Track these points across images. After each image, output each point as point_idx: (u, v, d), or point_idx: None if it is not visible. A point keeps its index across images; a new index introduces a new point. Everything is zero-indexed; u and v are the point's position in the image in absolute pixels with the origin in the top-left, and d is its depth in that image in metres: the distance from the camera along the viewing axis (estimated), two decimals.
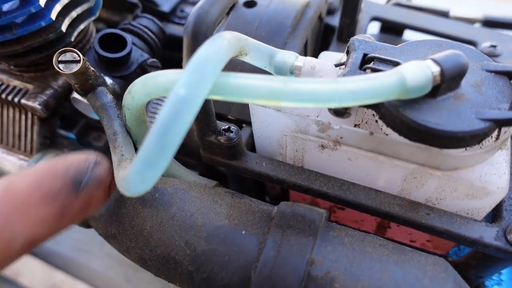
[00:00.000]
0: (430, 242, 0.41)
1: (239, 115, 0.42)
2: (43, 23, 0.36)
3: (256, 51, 0.34)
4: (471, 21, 0.52)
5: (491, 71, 0.30)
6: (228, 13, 0.46)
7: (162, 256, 0.34)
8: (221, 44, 0.27)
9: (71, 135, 0.49)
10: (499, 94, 0.29)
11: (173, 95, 0.24)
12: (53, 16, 0.36)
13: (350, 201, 0.34)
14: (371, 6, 0.52)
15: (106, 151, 0.50)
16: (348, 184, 0.35)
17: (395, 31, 0.57)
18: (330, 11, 0.51)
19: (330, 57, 0.40)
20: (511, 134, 0.31)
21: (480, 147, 0.29)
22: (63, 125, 0.48)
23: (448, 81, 0.28)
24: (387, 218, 0.34)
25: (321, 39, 0.52)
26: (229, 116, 0.43)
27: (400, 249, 0.31)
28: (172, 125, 0.24)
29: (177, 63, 0.56)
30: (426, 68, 0.27)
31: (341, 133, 0.32)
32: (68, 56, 0.33)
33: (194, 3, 0.55)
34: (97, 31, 0.49)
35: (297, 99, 0.26)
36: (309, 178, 0.36)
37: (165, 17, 0.53)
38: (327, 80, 0.27)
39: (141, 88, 0.32)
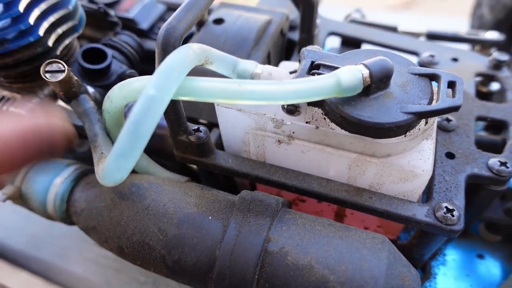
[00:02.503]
0: (380, 228, 0.46)
1: (209, 118, 0.47)
2: (31, 39, 0.40)
3: (220, 60, 0.39)
4: (416, 34, 0.59)
5: (415, 74, 0.36)
6: (199, 29, 0.52)
7: (137, 242, 0.38)
8: (186, 53, 0.32)
9: None
10: (421, 92, 0.35)
11: (143, 95, 0.29)
12: (41, 32, 0.40)
13: (305, 189, 0.39)
14: (328, 23, 0.59)
15: (89, 156, 0.54)
16: (303, 175, 0.40)
17: (353, 45, 0.63)
18: (292, 28, 0.57)
19: (288, 66, 0.46)
20: (434, 125, 0.37)
21: (406, 136, 0.35)
22: None
23: (377, 81, 0.33)
24: (337, 203, 0.39)
25: (285, 52, 0.58)
26: (200, 120, 0.48)
27: (345, 227, 0.36)
28: (142, 120, 0.29)
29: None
30: (358, 71, 0.33)
31: (292, 128, 0.37)
32: (54, 67, 0.38)
33: None
34: (81, 47, 0.53)
35: (250, 97, 0.32)
36: (269, 171, 0.41)
37: (144, 34, 0.58)
38: (275, 81, 0.32)
39: (118, 93, 0.36)
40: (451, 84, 0.34)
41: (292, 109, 0.37)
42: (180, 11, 0.35)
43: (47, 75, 0.38)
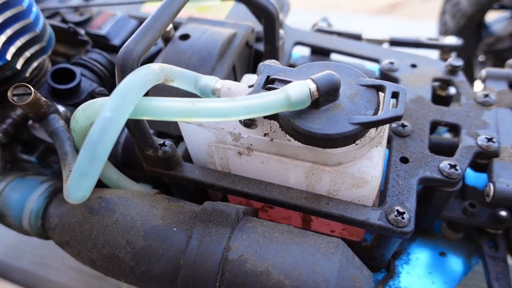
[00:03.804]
0: (345, 231, 0.48)
1: (178, 132, 0.49)
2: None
3: (181, 77, 0.41)
4: (379, 42, 0.61)
5: (364, 85, 0.38)
6: (166, 45, 0.54)
7: (107, 255, 0.40)
8: (144, 73, 0.34)
9: (33, 159, 0.55)
10: (368, 103, 0.37)
11: (99, 117, 0.31)
12: (9, 57, 0.42)
13: (267, 197, 0.41)
14: (294, 32, 0.61)
15: None
16: (265, 183, 0.42)
17: (322, 53, 0.65)
18: (259, 39, 0.59)
19: (250, 78, 0.48)
20: (384, 133, 0.39)
21: (355, 145, 0.37)
22: (24, 150, 0.54)
23: (325, 95, 0.35)
24: (297, 209, 0.41)
25: (253, 63, 0.60)
26: (169, 132, 0.49)
27: (303, 233, 0.38)
28: (99, 141, 0.31)
29: None
30: (305, 86, 0.35)
31: (250, 141, 0.39)
32: (20, 90, 0.40)
33: None
34: (56, 63, 0.55)
35: (204, 115, 0.34)
36: (233, 181, 0.43)
37: (116, 50, 0.60)
38: (227, 99, 0.34)
39: (82, 114, 0.38)
40: (395, 95, 0.36)
41: (248, 123, 0.39)
42: (138, 34, 0.37)
43: (15, 98, 0.39)
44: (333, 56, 0.65)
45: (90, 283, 0.64)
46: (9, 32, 0.42)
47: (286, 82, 0.39)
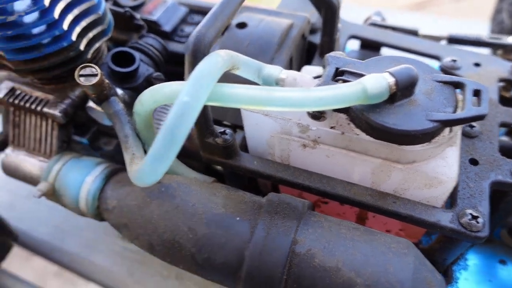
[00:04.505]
0: (403, 231, 0.47)
1: (234, 120, 0.48)
2: (65, 44, 0.42)
3: (246, 66, 0.40)
4: (437, 38, 0.59)
5: (439, 81, 0.37)
6: (222, 33, 0.53)
7: (168, 240, 0.40)
8: (216, 60, 0.34)
9: (84, 140, 0.55)
10: (445, 100, 0.35)
11: (178, 102, 0.31)
12: (74, 37, 0.42)
13: (329, 192, 0.40)
14: (349, 26, 0.59)
15: (115, 154, 0.56)
16: (327, 178, 0.41)
17: (373, 48, 0.64)
18: (313, 31, 0.58)
19: (310, 70, 0.47)
20: (459, 132, 0.38)
21: (432, 143, 0.36)
22: (77, 132, 0.54)
23: (402, 89, 0.34)
24: (360, 206, 0.40)
25: (305, 55, 0.59)
26: (225, 122, 0.49)
27: (369, 231, 0.37)
28: (177, 126, 0.30)
29: (178, 76, 0.62)
30: (383, 79, 0.34)
31: (318, 133, 0.38)
32: (87, 71, 0.39)
33: (192, 23, 0.62)
34: (108, 49, 0.55)
35: (278, 104, 0.33)
36: (294, 173, 0.42)
37: (167, 36, 0.59)
38: (302, 89, 0.33)
39: (149, 97, 0.38)
40: (476, 93, 0.35)
41: (317, 115, 0.38)
42: (209, 19, 0.36)
43: (81, 78, 0.39)
44: (385, 51, 0.63)
45: (132, 268, 0.65)
46: (76, 11, 0.42)
47: (357, 74, 0.37)
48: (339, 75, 0.38)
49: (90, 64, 0.39)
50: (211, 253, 0.38)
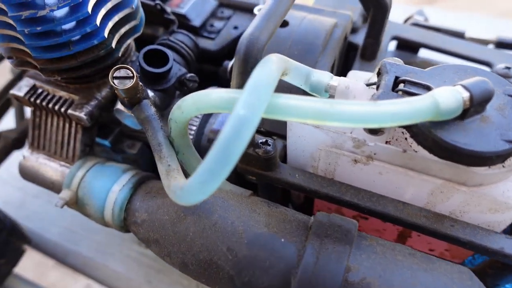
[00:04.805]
0: (448, 252, 0.44)
1: (271, 128, 0.45)
2: (95, 41, 0.38)
3: (296, 71, 0.36)
4: (485, 42, 0.55)
5: None
6: None
7: (204, 261, 0.36)
8: (272, 67, 0.30)
9: (106, 142, 0.52)
10: None
11: (234, 115, 0.27)
12: (106, 33, 0.38)
13: (379, 212, 0.37)
14: (391, 26, 0.55)
15: (139, 158, 0.53)
16: (377, 196, 0.38)
17: (411, 49, 0.60)
18: (353, 30, 0.54)
19: (358, 76, 0.43)
20: None
21: (503, 166, 0.32)
22: (98, 133, 0.51)
23: (476, 105, 0.31)
24: (414, 228, 0.36)
25: (344, 57, 0.55)
26: (262, 129, 0.45)
27: (427, 258, 0.34)
28: (233, 141, 0.27)
29: (205, 75, 0.58)
30: (457, 93, 0.30)
31: (375, 149, 0.35)
32: (122, 73, 0.36)
33: (222, 18, 0.58)
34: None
35: (341, 119, 0.29)
36: (340, 189, 0.39)
37: (195, 31, 0.55)
38: (369, 102, 0.29)
39: (191, 104, 0.34)
40: None
41: (376, 130, 0.34)
42: (262, 19, 0.33)
43: (115, 81, 0.36)
44: (424, 53, 0.59)
45: (150, 276, 0.62)
46: (109, 5, 0.38)
47: (421, 86, 0.34)
48: (398, 85, 0.35)
49: (125, 66, 0.35)
50: (252, 277, 0.35)
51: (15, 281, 0.66)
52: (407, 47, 0.59)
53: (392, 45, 0.62)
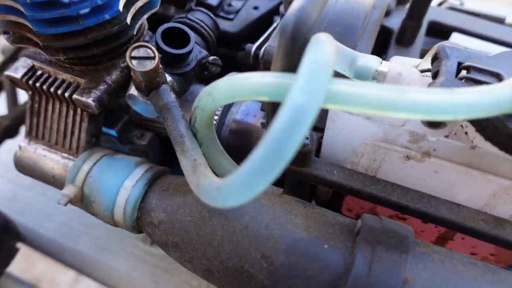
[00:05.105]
0: (493, 256, 0.41)
1: None
2: (107, 16, 0.33)
3: (341, 54, 0.32)
4: None
5: None
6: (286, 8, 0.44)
7: (234, 268, 0.32)
8: (327, 48, 0.25)
9: (112, 132, 0.47)
10: None
11: (289, 103, 0.22)
12: (121, 7, 0.33)
13: (431, 215, 0.33)
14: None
15: (149, 149, 0.48)
16: (428, 196, 0.34)
17: (441, 34, 0.55)
18: (387, 13, 0.49)
19: (401, 62, 0.39)
20: None
21: None
22: (104, 121, 0.46)
23: None
24: (471, 234, 0.33)
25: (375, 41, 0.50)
26: None
27: (489, 267, 0.30)
28: (289, 135, 0.22)
29: (223, 59, 0.53)
30: None
31: (435, 145, 0.30)
32: (141, 52, 0.31)
33: None
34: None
35: (411, 110, 0.25)
36: (385, 189, 0.34)
37: (212, 10, 0.50)
38: (444, 90, 0.25)
39: (226, 90, 0.29)
40: None
41: (436, 123, 0.30)
42: None
43: (134, 62, 0.31)
44: (457, 38, 0.55)
45: (156, 276, 0.57)
46: None
47: (490, 73, 0.30)
48: (462, 72, 0.30)
49: (145, 44, 0.30)
50: (291, 287, 0.30)
51: (3, 278, 0.61)
52: (439, 33, 0.55)
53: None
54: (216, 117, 0.42)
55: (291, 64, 0.27)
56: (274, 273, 0.31)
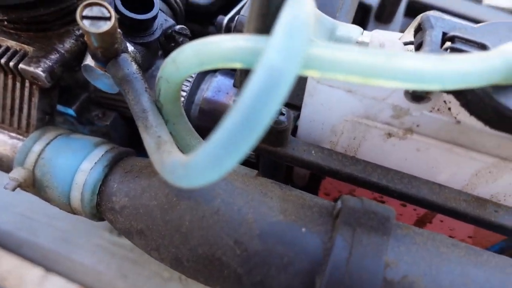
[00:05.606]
0: (471, 238, 0.40)
1: None
2: None
3: (320, 22, 0.29)
4: (504, 10, 0.50)
5: None
6: None
7: (204, 256, 0.29)
8: (307, 6, 0.22)
9: (70, 111, 0.42)
10: None
11: (263, 65, 0.19)
12: None
13: (412, 196, 0.31)
14: None
15: (112, 131, 0.44)
16: (409, 177, 0.32)
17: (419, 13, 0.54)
18: None
19: (383, 35, 0.36)
20: None
21: None
22: (60, 99, 0.41)
23: None
24: (453, 215, 0.31)
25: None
26: None
27: (472, 249, 0.29)
28: (263, 102, 0.19)
29: (194, 36, 0.49)
30: None
31: (419, 120, 0.28)
32: (95, 11, 0.27)
33: None
34: None
35: (399, 78, 0.22)
36: (365, 169, 0.32)
37: None
38: (435, 57, 0.23)
39: (192, 56, 0.26)
40: None
41: (421, 96, 0.28)
42: None
43: (85, 22, 0.27)
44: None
45: (124, 268, 0.54)
46: None
47: (475, 44, 0.28)
48: (446, 42, 0.29)
49: (99, 2, 0.26)
50: (266, 276, 0.28)
51: None
52: (418, 12, 0.53)
53: None
54: (184, 93, 0.38)
55: (266, 26, 0.24)
56: (248, 260, 0.28)
